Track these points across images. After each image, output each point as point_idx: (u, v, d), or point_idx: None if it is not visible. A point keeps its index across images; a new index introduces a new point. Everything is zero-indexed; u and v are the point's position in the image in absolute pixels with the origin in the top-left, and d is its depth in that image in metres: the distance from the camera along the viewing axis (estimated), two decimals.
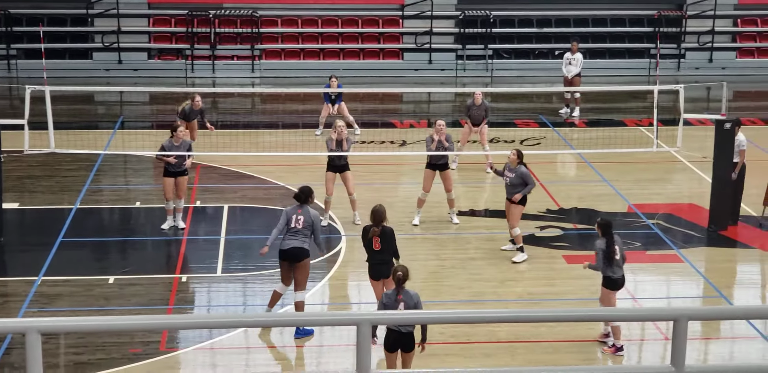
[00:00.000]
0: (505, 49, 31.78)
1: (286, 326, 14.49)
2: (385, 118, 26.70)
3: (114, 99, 28.54)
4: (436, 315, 5.67)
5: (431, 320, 5.24)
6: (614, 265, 14.21)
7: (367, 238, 14.36)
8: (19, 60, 30.38)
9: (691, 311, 5.37)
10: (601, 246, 14.22)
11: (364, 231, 14.50)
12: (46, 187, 20.55)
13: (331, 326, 14.80)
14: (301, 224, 14.57)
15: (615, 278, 14.27)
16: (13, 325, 5.18)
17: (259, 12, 31.31)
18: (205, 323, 5.56)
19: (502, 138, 24.12)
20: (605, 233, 14.25)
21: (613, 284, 14.28)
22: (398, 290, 12.55)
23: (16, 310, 15.21)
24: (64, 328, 5.10)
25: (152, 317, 5.34)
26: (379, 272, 14.40)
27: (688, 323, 5.31)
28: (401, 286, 12.55)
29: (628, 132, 24.52)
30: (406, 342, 12.56)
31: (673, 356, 5.32)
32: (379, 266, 14.37)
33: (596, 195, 20.42)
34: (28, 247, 17.83)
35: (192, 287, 16.34)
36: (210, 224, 19.00)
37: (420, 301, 12.63)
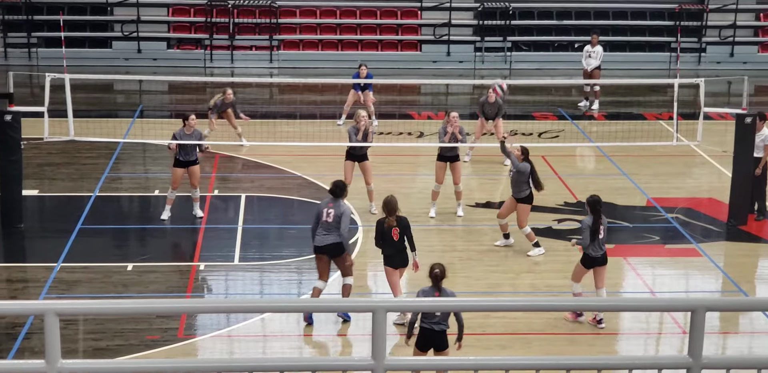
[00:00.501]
0: (524, 42, 31.70)
1: (302, 311, 14.52)
2: (402, 109, 26.68)
3: (133, 88, 28.60)
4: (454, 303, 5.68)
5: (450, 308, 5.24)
6: (596, 243, 14.46)
7: (384, 229, 14.28)
8: (40, 48, 30.47)
9: (708, 301, 5.36)
10: (588, 223, 14.50)
11: (378, 224, 14.40)
12: (65, 174, 20.62)
13: None
14: (332, 218, 14.51)
15: (594, 256, 14.53)
16: (31, 307, 5.21)
17: (278, 2, 31.32)
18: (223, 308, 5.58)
19: (520, 131, 24.07)
20: (593, 210, 14.54)
21: (590, 262, 14.56)
22: (436, 288, 12.35)
23: (35, 296, 15.28)
24: (81, 310, 5.13)
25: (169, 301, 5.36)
26: (400, 260, 14.38)
27: (705, 314, 5.29)
28: (439, 284, 12.36)
29: (648, 125, 24.44)
30: (440, 341, 12.30)
31: (691, 347, 5.31)
32: (399, 254, 14.34)
33: (615, 188, 20.37)
34: (47, 233, 17.90)
35: (209, 275, 16.38)
36: (227, 213, 19.03)
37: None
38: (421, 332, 12.32)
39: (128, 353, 13.66)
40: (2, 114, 17.70)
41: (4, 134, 17.70)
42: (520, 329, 14.53)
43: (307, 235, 17.36)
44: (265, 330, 14.65)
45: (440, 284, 12.36)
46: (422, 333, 12.31)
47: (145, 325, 14.42)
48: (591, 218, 14.54)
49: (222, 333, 14.44)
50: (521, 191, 16.87)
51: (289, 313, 15.18)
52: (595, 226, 14.45)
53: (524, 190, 16.85)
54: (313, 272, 16.05)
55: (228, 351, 14.09)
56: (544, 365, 5.36)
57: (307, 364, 5.30)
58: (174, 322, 14.54)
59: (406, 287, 15.94)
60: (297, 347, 14.26)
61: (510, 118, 25.53)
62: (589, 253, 14.52)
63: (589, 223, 14.49)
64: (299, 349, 14.24)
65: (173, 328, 14.41)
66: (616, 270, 16.82)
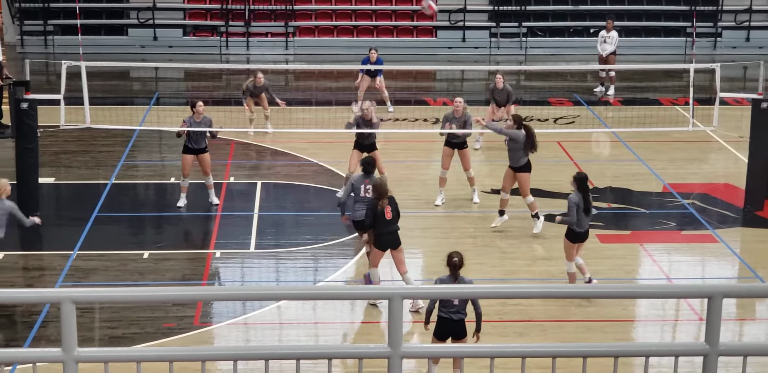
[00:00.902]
0: (540, 27, 31.59)
1: (318, 299, 14.54)
2: (418, 95, 26.64)
3: (149, 75, 28.62)
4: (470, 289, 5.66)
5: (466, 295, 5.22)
6: (583, 219, 14.68)
7: (378, 211, 14.30)
8: (56, 36, 30.51)
9: (726, 288, 5.32)
10: (575, 201, 14.62)
11: (372, 206, 14.39)
12: (81, 162, 20.66)
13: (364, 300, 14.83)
14: (371, 193, 14.85)
15: (578, 231, 14.77)
16: (48, 295, 5.22)
17: None
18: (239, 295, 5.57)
19: (536, 116, 24.01)
20: (581, 187, 14.68)
21: (575, 237, 14.79)
22: (455, 277, 12.26)
23: (51, 284, 15.33)
24: (97, 298, 5.13)
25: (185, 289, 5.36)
26: (391, 241, 14.46)
27: (722, 300, 5.26)
28: (457, 272, 12.28)
29: (664, 111, 24.34)
30: (458, 330, 12.21)
31: (708, 334, 5.28)
32: (390, 235, 14.43)
33: (631, 174, 20.30)
34: (63, 221, 17.94)
35: (225, 262, 16.40)
36: (243, 200, 19.04)
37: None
38: (440, 321, 12.25)
39: (144, 341, 13.69)
40: (19, 102, 17.72)
41: (20, 122, 17.73)
42: (536, 317, 14.52)
43: (323, 222, 17.34)
44: (281, 318, 14.67)
45: (458, 272, 12.29)
46: (440, 322, 12.24)
47: (161, 313, 14.45)
48: (579, 196, 14.67)
49: (238, 321, 14.46)
50: (518, 160, 16.83)
51: (305, 300, 15.19)
52: (585, 203, 14.62)
53: (521, 157, 16.81)
54: (329, 259, 16.10)
55: (244, 339, 14.11)
56: (560, 353, 5.35)
57: (323, 351, 5.29)
58: (190, 310, 14.57)
59: (422, 275, 15.94)
60: (313, 335, 14.27)
61: (525, 104, 25.47)
62: (575, 228, 14.74)
63: (576, 200, 14.62)
64: (315, 336, 14.25)
65: (189, 316, 14.44)
66: (633, 257, 16.79)
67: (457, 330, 12.19)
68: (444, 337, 12.25)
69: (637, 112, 23.94)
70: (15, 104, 17.75)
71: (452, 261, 12.26)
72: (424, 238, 17.19)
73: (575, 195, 14.70)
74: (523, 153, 16.81)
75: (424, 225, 17.73)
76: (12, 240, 17.21)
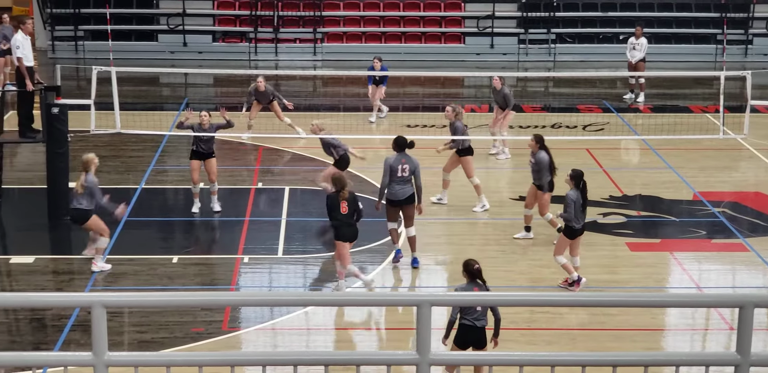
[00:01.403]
0: (569, 34, 31.53)
1: (346, 305, 14.54)
2: (446, 102, 26.55)
3: (179, 81, 28.74)
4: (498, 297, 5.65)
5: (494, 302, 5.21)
6: (580, 216, 15.05)
7: (335, 203, 14.93)
8: (86, 41, 30.70)
9: (757, 297, 5.29)
10: (573, 198, 14.98)
11: (331, 198, 15.01)
12: (111, 167, 20.74)
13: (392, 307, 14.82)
14: (407, 172, 15.93)
15: (577, 228, 15.10)
16: (79, 299, 5.24)
17: None
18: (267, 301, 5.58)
19: (564, 123, 23.95)
20: (577, 184, 15.04)
21: (573, 233, 15.13)
22: (475, 284, 12.23)
23: (81, 288, 15.40)
24: (128, 302, 5.15)
25: (214, 294, 5.37)
26: (350, 233, 15.07)
27: (754, 310, 5.23)
28: (476, 279, 12.24)
29: (694, 118, 24.24)
30: (480, 337, 12.17)
31: (739, 344, 5.25)
32: (346, 227, 15.02)
33: (661, 182, 20.22)
34: None
35: (253, 267, 16.43)
36: (271, 205, 19.07)
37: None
38: (461, 329, 12.18)
39: (173, 346, 13.73)
40: (49, 107, 17.83)
41: (51, 127, 17.83)
42: (565, 325, 14.47)
43: None
44: (309, 323, 14.68)
45: (477, 279, 12.26)
46: (462, 330, 12.18)
47: (190, 317, 14.48)
48: (577, 193, 15.02)
49: (266, 326, 14.48)
50: (541, 179, 16.88)
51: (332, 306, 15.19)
52: (583, 200, 15.02)
53: (544, 177, 16.84)
54: (357, 265, 16.10)
55: (272, 344, 14.13)
56: (590, 362, 5.33)
57: (351, 357, 5.30)
58: (218, 314, 14.61)
59: (447, 282, 15.93)
60: (341, 341, 14.27)
61: (554, 111, 25.44)
62: (573, 225, 15.06)
63: (574, 197, 14.97)
64: (343, 342, 14.26)
65: (218, 320, 14.48)
66: (662, 265, 16.72)
67: (480, 337, 12.17)
68: (466, 345, 12.18)
69: (667, 119, 23.84)
70: (46, 109, 17.87)
71: (474, 268, 12.18)
72: (450, 245, 17.18)
73: (573, 192, 15.04)
74: (547, 173, 16.82)
75: (450, 232, 17.71)
76: (42, 244, 17.33)
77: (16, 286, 15.60)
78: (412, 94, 26.90)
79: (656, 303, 5.36)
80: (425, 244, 16.91)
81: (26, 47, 18.60)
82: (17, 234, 17.89)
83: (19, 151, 21.39)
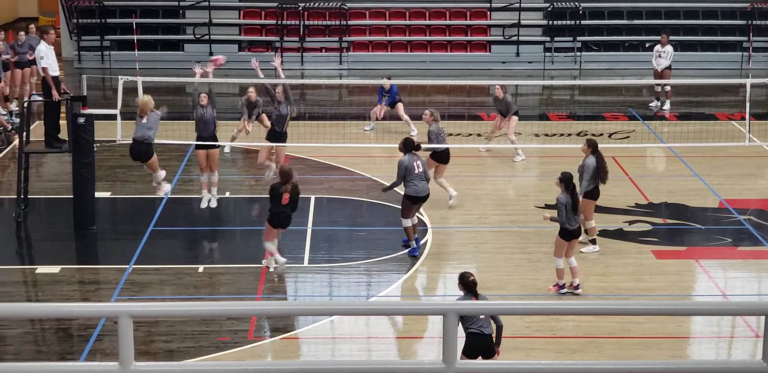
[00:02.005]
0: (594, 42, 31.49)
1: (371, 315, 14.54)
2: (472, 110, 26.62)
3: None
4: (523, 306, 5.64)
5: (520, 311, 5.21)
6: (572, 217, 15.25)
7: (278, 193, 16.00)
8: (113, 51, 30.87)
9: None
10: (563, 201, 15.20)
11: (274, 188, 16.08)
12: (137, 176, 20.82)
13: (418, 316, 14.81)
14: (422, 168, 16.87)
15: (571, 229, 15.35)
16: (106, 309, 5.28)
17: (348, 4, 31.40)
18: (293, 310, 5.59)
19: (590, 131, 23.89)
20: (567, 187, 15.26)
21: (569, 235, 15.37)
22: (473, 294, 12.31)
23: (107, 297, 15.46)
24: (155, 312, 5.18)
25: (239, 304, 5.39)
26: (281, 221, 16.20)
27: None
28: (475, 290, 12.35)
29: (720, 126, 24.15)
30: (489, 345, 12.17)
31: (765, 352, 5.23)
32: (282, 215, 16.17)
33: (687, 190, 20.15)
34: (119, 235, 18.10)
35: (279, 277, 16.46)
36: (297, 214, 19.07)
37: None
38: (470, 338, 12.09)
39: (199, 355, 13.77)
40: (76, 117, 17.93)
41: (77, 137, 17.93)
42: (590, 333, 14.43)
43: (376, 236, 17.40)
44: (335, 332, 14.69)
45: (475, 290, 12.32)
46: (471, 339, 12.09)
47: (216, 327, 14.52)
48: (567, 196, 15.25)
49: (291, 335, 14.50)
50: (586, 186, 16.75)
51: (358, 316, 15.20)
52: (574, 203, 15.23)
53: (589, 184, 16.73)
54: (382, 274, 16.12)
55: (297, 353, 14.14)
56: (616, 370, 5.32)
57: (377, 367, 5.30)
58: (244, 324, 14.63)
59: None
60: (366, 350, 14.27)
61: (580, 119, 25.40)
62: (567, 227, 15.27)
63: (564, 200, 15.18)
64: (368, 351, 14.26)
65: (243, 330, 14.51)
66: (688, 273, 16.65)
67: (489, 345, 12.11)
68: (474, 355, 12.06)
69: (693, 127, 23.76)
70: (72, 119, 17.97)
71: (469, 280, 12.31)
72: (477, 253, 17.16)
73: (563, 195, 15.24)
74: (592, 181, 16.72)
75: (477, 240, 17.69)
76: (68, 254, 17.42)
77: (42, 296, 15.68)
78: (437, 102, 26.89)
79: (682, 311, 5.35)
80: (451, 252, 16.91)
81: (50, 57, 18.71)
82: (43, 244, 17.99)
83: (45, 161, 21.51)
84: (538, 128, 24.38)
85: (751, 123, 21.48)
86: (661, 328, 14.55)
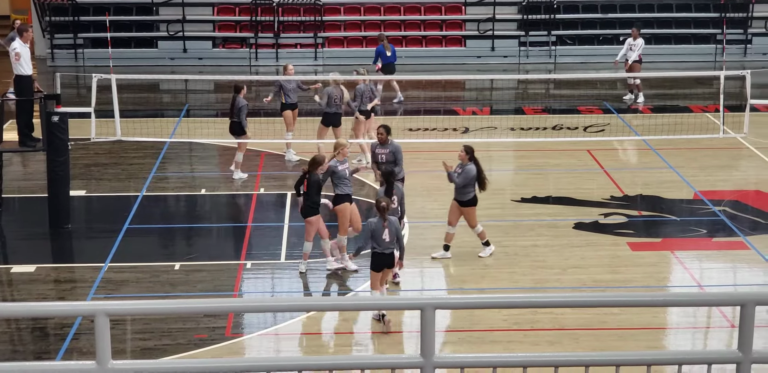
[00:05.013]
0: (569, 36, 31.56)
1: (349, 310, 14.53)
2: (447, 105, 26.65)
3: (179, 87, 28.77)
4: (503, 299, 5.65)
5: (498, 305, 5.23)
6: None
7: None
8: (86, 49, 30.74)
9: (758, 295, 5.31)
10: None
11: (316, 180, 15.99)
12: (112, 174, 20.76)
13: None
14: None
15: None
16: (82, 308, 5.25)
17: (322, 0, 31.36)
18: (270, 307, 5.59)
19: (565, 125, 23.97)
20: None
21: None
22: (383, 219, 14.38)
23: (83, 296, 15.40)
24: (131, 310, 5.16)
25: (216, 301, 5.38)
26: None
27: (755, 308, 5.25)
28: (385, 215, 14.41)
29: (694, 118, 24.26)
30: (391, 261, 14.60)
31: (740, 341, 5.27)
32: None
33: (661, 182, 20.23)
34: (95, 234, 18.04)
35: (256, 273, 16.45)
36: (273, 211, 19.09)
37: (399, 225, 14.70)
38: (375, 257, 14.51)
39: (176, 353, 13.73)
40: (50, 115, 17.85)
41: (51, 135, 17.84)
42: (568, 325, 14.48)
43: None
44: (312, 328, 14.68)
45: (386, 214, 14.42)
46: (376, 257, 14.51)
47: (193, 324, 14.49)
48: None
49: (269, 332, 14.49)
50: (465, 194, 16.29)
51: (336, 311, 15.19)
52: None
53: (468, 192, 16.27)
54: (360, 269, 16.12)
55: (275, 350, 14.13)
56: (593, 362, 5.34)
57: (356, 362, 5.31)
58: (221, 321, 14.61)
59: (448, 284, 15.93)
60: (345, 345, 14.28)
61: (555, 113, 25.47)
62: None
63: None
64: (347, 347, 14.26)
65: (221, 327, 14.48)
66: (664, 264, 16.72)
67: (391, 261, 14.57)
68: (380, 268, 14.49)
69: (667, 119, 23.86)
70: (46, 118, 17.88)
71: (381, 206, 14.42)
72: (455, 247, 17.14)
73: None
74: (472, 188, 16.23)
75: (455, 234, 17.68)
76: (44, 252, 17.35)
77: (17, 295, 15.61)
78: (413, 98, 26.92)
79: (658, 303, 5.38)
80: (427, 247, 16.92)
81: (26, 55, 18.62)
82: (18, 243, 17.90)
83: (19, 160, 21.42)
84: (514, 122, 24.42)
85: (726, 115, 21.58)
86: (638, 319, 14.62)
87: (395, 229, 14.52)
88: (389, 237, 14.49)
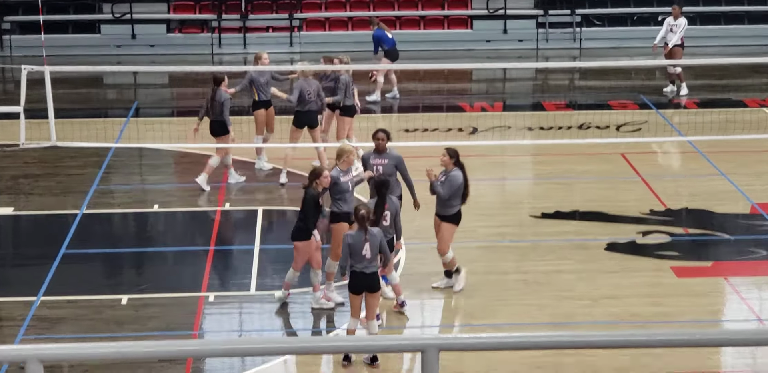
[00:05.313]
0: (597, 15, 31.66)
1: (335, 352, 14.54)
2: (451, 100, 26.70)
3: (127, 81, 28.80)
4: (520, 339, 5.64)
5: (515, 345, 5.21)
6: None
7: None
8: (13, 35, 30.78)
9: None
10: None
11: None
12: (45, 188, 20.76)
13: None
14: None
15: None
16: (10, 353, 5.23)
17: None
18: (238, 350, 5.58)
19: (594, 123, 24.02)
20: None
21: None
22: (364, 229, 14.45)
23: (11, 337, 15.39)
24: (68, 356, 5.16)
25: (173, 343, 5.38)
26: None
27: None
28: (366, 225, 14.46)
29: (750, 114, 24.36)
30: (371, 283, 14.59)
31: None
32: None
33: (711, 193, 20.28)
34: (24, 261, 18.03)
35: (220, 308, 16.44)
36: (241, 231, 19.09)
37: (384, 238, 14.67)
38: (353, 276, 14.59)
39: None
40: None
41: None
42: (600, 370, 14.48)
43: None
44: None
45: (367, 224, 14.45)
46: (354, 277, 14.58)
47: (144, 371, 14.49)
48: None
49: None
50: (449, 207, 16.22)
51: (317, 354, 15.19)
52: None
53: (454, 205, 16.19)
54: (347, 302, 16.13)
55: None
56: None
57: None
58: (179, 366, 14.61)
59: (457, 320, 15.93)
60: None
61: (581, 108, 25.52)
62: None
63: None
64: None
65: None
66: (716, 293, 16.75)
67: (371, 283, 14.58)
68: (360, 291, 14.53)
69: (716, 116, 23.94)
70: None
71: (360, 214, 14.45)
72: None
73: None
74: (456, 200, 16.18)
75: (461, 258, 17.66)
76: None
77: None
78: (409, 91, 26.97)
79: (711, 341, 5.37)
80: (429, 274, 16.90)
81: None
82: None
83: None
84: (532, 121, 24.48)
85: None
86: (686, 361, 14.62)
87: (377, 243, 14.49)
88: (370, 253, 14.48)
